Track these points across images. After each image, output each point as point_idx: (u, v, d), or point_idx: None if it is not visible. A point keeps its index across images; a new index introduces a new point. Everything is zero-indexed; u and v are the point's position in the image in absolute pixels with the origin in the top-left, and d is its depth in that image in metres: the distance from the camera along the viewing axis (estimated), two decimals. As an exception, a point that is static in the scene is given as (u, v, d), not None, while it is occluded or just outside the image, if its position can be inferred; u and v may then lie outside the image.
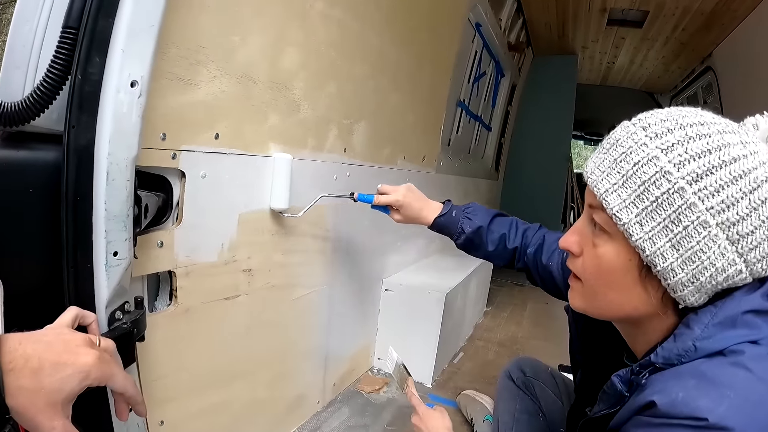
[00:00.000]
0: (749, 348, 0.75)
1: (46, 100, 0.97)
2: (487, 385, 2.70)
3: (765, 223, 0.72)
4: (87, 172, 1.01)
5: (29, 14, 1.00)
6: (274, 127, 1.67)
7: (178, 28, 1.23)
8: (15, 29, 1.00)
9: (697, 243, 0.74)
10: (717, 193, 0.72)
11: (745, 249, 0.74)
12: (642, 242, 0.78)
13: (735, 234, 0.73)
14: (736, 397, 0.70)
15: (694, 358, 0.77)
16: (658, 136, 0.78)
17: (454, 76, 3.52)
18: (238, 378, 1.75)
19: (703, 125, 0.76)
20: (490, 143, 5.66)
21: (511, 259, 1.67)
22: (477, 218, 1.69)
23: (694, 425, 0.70)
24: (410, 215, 1.79)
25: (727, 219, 0.72)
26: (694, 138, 0.75)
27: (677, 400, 0.73)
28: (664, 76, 6.59)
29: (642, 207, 0.78)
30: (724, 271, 0.75)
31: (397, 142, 2.69)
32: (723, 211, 0.72)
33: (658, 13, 4.57)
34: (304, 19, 1.72)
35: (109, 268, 1.06)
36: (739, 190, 0.71)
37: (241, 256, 1.62)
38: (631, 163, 0.79)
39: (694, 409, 0.70)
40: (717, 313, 0.78)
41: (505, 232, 1.66)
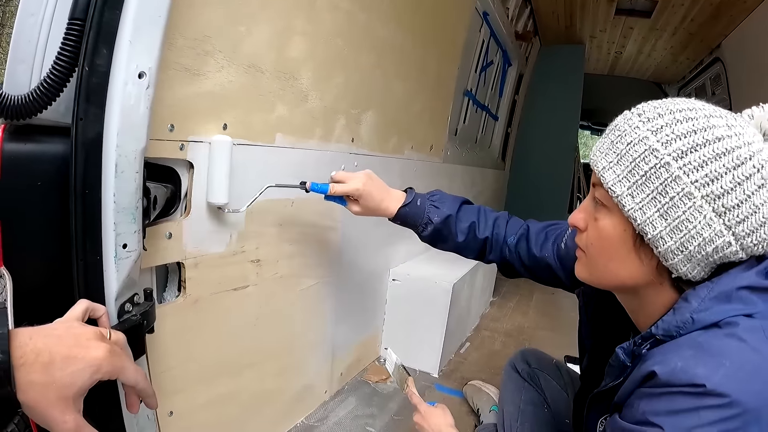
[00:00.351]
0: (743, 320, 0.81)
1: (53, 92, 0.97)
2: (494, 375, 2.70)
3: (750, 198, 0.79)
4: (95, 164, 1.01)
5: (34, 7, 1.00)
6: (281, 117, 1.67)
7: (185, 18, 1.22)
8: (20, 22, 1.00)
9: (683, 213, 0.82)
10: (701, 167, 0.80)
11: (733, 222, 0.80)
12: (633, 212, 0.87)
13: (720, 207, 0.80)
14: (732, 366, 0.76)
15: (691, 330, 0.84)
16: (649, 120, 0.87)
17: (462, 65, 3.50)
18: (247, 368, 1.76)
19: (692, 110, 0.84)
20: (497, 133, 5.64)
21: (481, 250, 1.61)
22: (445, 206, 1.59)
23: (693, 392, 0.76)
24: (370, 206, 1.60)
25: (711, 192, 0.80)
26: (681, 121, 0.83)
27: (676, 368, 0.79)
28: (672, 67, 6.53)
29: (633, 180, 0.86)
30: (712, 242, 0.82)
31: (404, 132, 2.69)
32: (707, 184, 0.80)
33: (666, 3, 4.51)
34: (311, 9, 1.71)
35: (119, 260, 1.06)
36: (722, 166, 0.79)
37: (250, 246, 1.62)
38: (625, 143, 0.88)
39: (692, 376, 0.77)
40: (713, 288, 0.85)
41: (474, 220, 1.59)
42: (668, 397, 0.80)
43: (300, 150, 1.79)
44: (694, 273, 0.87)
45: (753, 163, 0.78)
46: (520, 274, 1.58)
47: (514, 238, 1.56)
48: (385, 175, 2.45)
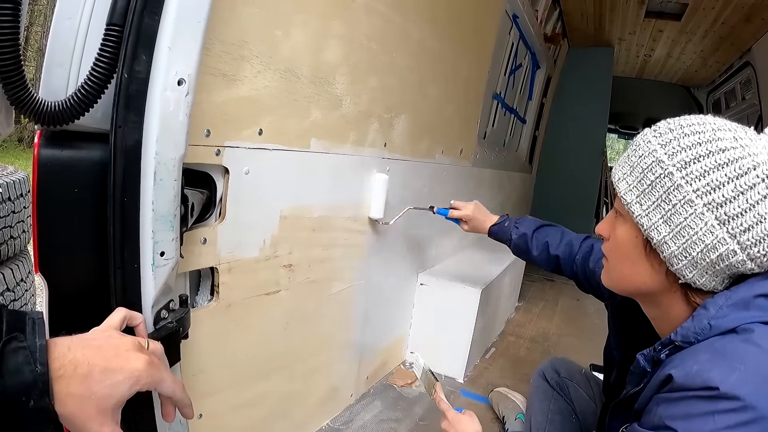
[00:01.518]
0: (760, 327, 0.82)
1: (91, 99, 0.96)
2: (519, 382, 2.69)
3: (755, 207, 0.81)
4: (134, 172, 1.00)
5: (71, 11, 0.99)
6: (316, 122, 1.66)
7: (222, 23, 1.22)
8: (56, 25, 0.98)
9: (685, 219, 0.87)
10: (702, 177, 0.84)
11: (737, 230, 0.83)
12: (641, 218, 0.93)
13: (723, 215, 0.83)
14: (746, 370, 0.77)
15: (709, 336, 0.86)
16: (661, 135, 0.92)
17: (491, 68, 3.48)
18: (276, 371, 1.76)
19: (701, 125, 0.89)
20: (524, 136, 5.61)
21: (556, 264, 1.85)
22: (523, 227, 1.99)
23: (707, 395, 0.78)
24: (475, 226, 2.20)
25: (713, 200, 0.83)
26: (688, 134, 0.88)
27: (691, 372, 0.82)
28: (701, 70, 6.46)
29: (641, 189, 0.93)
30: (716, 249, 0.85)
31: (435, 136, 2.68)
32: (708, 193, 0.84)
33: (697, 5, 4.46)
34: (347, 12, 1.71)
35: (156, 268, 1.06)
36: (724, 175, 0.82)
37: (282, 251, 1.62)
38: (638, 156, 0.95)
39: (706, 379, 0.78)
40: (731, 296, 0.87)
41: (548, 240, 1.88)
42: (684, 401, 0.81)
43: (334, 155, 1.79)
44: (704, 281, 0.90)
45: (757, 173, 0.81)
46: (587, 290, 1.75)
47: (580, 257, 1.75)
48: (416, 180, 2.45)
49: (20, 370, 0.62)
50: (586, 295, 1.79)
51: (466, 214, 2.19)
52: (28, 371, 0.63)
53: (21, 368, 0.62)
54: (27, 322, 0.67)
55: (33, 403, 0.63)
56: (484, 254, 3.61)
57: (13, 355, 0.63)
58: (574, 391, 1.86)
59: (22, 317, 0.67)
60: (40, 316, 0.69)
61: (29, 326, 0.67)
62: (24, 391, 0.62)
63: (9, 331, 0.64)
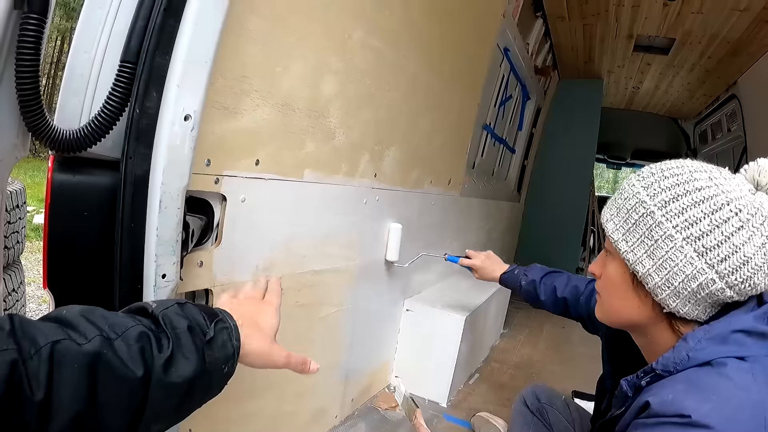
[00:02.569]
0: (734, 362, 0.88)
1: (103, 129, 1.03)
2: (502, 408, 2.74)
3: (730, 238, 0.88)
4: (141, 200, 1.08)
5: (87, 45, 1.06)
6: (310, 153, 1.74)
7: (226, 59, 1.29)
8: (73, 58, 1.06)
9: (666, 252, 0.94)
10: (681, 214, 0.92)
11: (714, 260, 0.90)
12: (627, 254, 1.01)
13: (701, 247, 0.90)
14: (718, 401, 0.83)
15: (687, 367, 0.92)
16: (644, 178, 1.02)
17: (482, 99, 3.56)
18: (266, 391, 1.81)
19: (679, 167, 0.98)
20: (513, 165, 5.67)
21: (564, 307, 1.92)
22: (531, 274, 2.08)
23: (680, 422, 0.83)
24: (485, 274, 2.35)
25: (691, 234, 0.91)
26: (668, 177, 0.97)
27: (667, 400, 0.87)
28: (688, 103, 6.58)
29: (627, 228, 1.01)
30: (695, 279, 0.92)
31: (425, 166, 2.74)
32: (687, 228, 0.92)
33: (684, 40, 4.58)
34: (343, 48, 1.79)
35: (158, 289, 1.13)
36: (700, 212, 0.91)
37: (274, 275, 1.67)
38: (623, 198, 1.04)
39: (680, 408, 0.83)
40: (709, 330, 0.93)
41: (555, 284, 1.95)
42: (658, 427, 0.86)
43: (326, 185, 1.86)
44: (687, 310, 0.97)
45: (730, 208, 0.89)
46: (593, 331, 1.77)
47: (584, 298, 1.82)
48: (405, 210, 2.51)
49: (225, 345, 0.80)
50: (571, 323, 1.85)
51: (475, 264, 2.36)
52: (231, 346, 0.81)
53: (226, 344, 0.80)
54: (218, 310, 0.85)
55: (226, 370, 0.81)
56: (469, 282, 3.63)
57: (221, 334, 0.80)
58: (554, 417, 1.89)
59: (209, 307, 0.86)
60: None
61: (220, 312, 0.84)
62: (226, 361, 0.80)
63: (210, 317, 0.80)
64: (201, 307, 0.82)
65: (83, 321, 0.66)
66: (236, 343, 0.82)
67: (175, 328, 0.73)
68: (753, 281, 0.89)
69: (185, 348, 0.73)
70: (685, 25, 4.28)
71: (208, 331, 0.78)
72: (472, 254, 2.39)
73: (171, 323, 0.73)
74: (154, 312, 0.75)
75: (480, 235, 4.45)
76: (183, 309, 0.77)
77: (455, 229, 3.61)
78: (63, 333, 0.63)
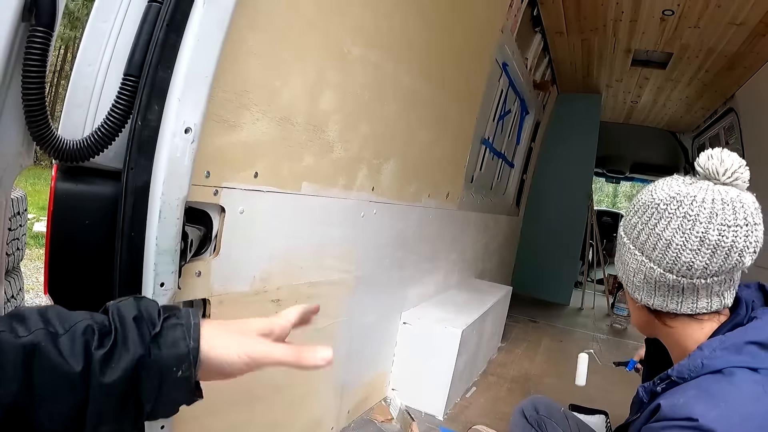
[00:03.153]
0: (746, 372, 0.90)
1: (106, 140, 1.05)
2: (498, 421, 2.74)
3: (654, 229, 1.00)
4: (142, 210, 1.10)
5: (92, 58, 1.09)
6: (308, 166, 1.76)
7: (226, 73, 1.31)
8: (78, 70, 1.09)
9: (622, 256, 1.11)
10: (629, 225, 1.08)
11: (648, 251, 1.02)
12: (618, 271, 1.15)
13: (639, 243, 1.04)
14: (727, 408, 0.85)
15: (700, 374, 0.94)
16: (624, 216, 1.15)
17: (480, 114, 3.58)
18: (258, 401, 1.82)
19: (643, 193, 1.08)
20: (512, 179, 5.70)
21: None
22: None
23: (687, 425, 0.85)
24: None
25: (634, 238, 1.06)
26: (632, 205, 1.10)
27: (677, 404, 0.90)
28: (686, 116, 6.61)
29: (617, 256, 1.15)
30: (641, 270, 1.05)
31: (422, 179, 2.76)
32: (630, 234, 1.08)
33: (682, 54, 4.62)
34: (343, 62, 1.81)
35: (156, 297, 1.14)
36: (638, 218, 1.05)
37: (271, 286, 1.70)
38: None
39: (689, 412, 0.86)
40: (725, 340, 0.96)
41: None
42: (665, 430, 0.89)
43: (324, 198, 1.88)
44: (655, 301, 1.06)
45: (652, 205, 1.02)
46: None
47: None
48: (402, 223, 2.52)
49: (177, 343, 0.70)
50: (569, 337, 1.84)
51: None
52: (183, 345, 0.70)
53: (178, 342, 0.70)
54: (181, 308, 0.76)
55: (180, 374, 0.70)
56: (467, 295, 3.67)
57: (172, 330, 0.71)
58: (552, 429, 1.88)
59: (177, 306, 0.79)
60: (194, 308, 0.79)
61: (183, 310, 0.75)
62: (177, 362, 0.69)
63: (166, 312, 0.73)
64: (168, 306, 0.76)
65: (35, 315, 0.64)
66: (193, 344, 0.71)
67: (122, 319, 0.68)
68: (682, 260, 0.97)
69: (129, 340, 0.67)
70: (683, 39, 4.33)
71: (156, 325, 0.70)
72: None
73: (119, 315, 0.68)
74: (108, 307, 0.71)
75: (477, 248, 4.46)
76: (138, 302, 0.72)
77: (452, 243, 3.63)
78: (7, 326, 0.62)
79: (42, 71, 0.90)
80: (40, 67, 0.89)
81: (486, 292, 3.90)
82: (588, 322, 5.96)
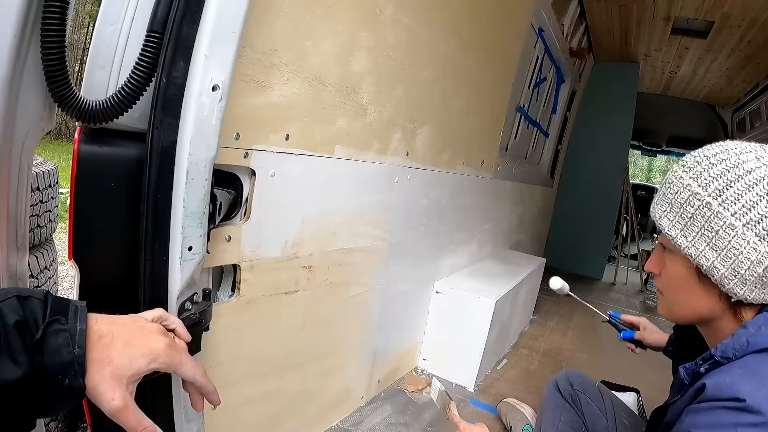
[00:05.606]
0: None
1: (130, 100, 1.01)
2: (529, 394, 2.71)
3: None
4: (168, 171, 1.06)
5: (114, 17, 1.04)
6: (341, 129, 1.72)
7: (255, 32, 1.27)
8: (99, 30, 1.04)
9: (728, 242, 0.92)
10: (737, 200, 0.90)
11: None
12: (688, 249, 0.98)
13: (762, 230, 0.88)
14: None
15: (746, 353, 0.91)
16: (690, 168, 0.99)
17: (516, 81, 3.50)
18: (291, 368, 1.81)
19: (724, 152, 0.96)
20: (547, 149, 5.62)
21: None
22: None
23: (733, 406, 0.82)
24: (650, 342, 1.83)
25: (750, 219, 0.89)
26: (715, 164, 0.95)
27: (723, 383, 0.86)
28: (726, 89, 6.40)
29: (684, 223, 0.99)
30: (761, 263, 0.89)
31: (457, 147, 2.71)
32: (745, 213, 0.89)
33: (723, 23, 4.45)
34: (375, 25, 1.75)
35: (184, 261, 1.11)
36: (756, 195, 0.89)
37: (303, 253, 1.67)
38: (673, 192, 1.02)
39: (735, 391, 0.83)
40: None
41: None
42: (711, 411, 0.86)
43: (357, 162, 1.84)
44: (755, 295, 0.94)
45: None
46: None
47: None
48: (437, 190, 2.48)
49: (59, 350, 0.67)
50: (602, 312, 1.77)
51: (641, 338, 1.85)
52: (66, 352, 0.67)
53: (60, 349, 0.67)
54: (70, 308, 0.71)
55: (68, 382, 0.67)
56: (500, 266, 3.63)
57: (54, 336, 0.67)
58: (586, 405, 1.84)
59: (66, 303, 0.72)
60: (83, 304, 0.74)
61: (72, 311, 0.71)
62: (61, 370, 0.67)
63: (52, 314, 0.68)
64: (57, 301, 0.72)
65: None
66: (78, 351, 0.69)
67: (4, 323, 0.64)
68: None
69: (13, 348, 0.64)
70: (725, 7, 4.16)
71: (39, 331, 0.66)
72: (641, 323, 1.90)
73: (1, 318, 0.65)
74: None
75: (511, 219, 4.41)
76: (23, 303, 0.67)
77: (486, 212, 3.58)
78: None
79: (62, 29, 0.85)
80: (59, 25, 0.85)
81: (519, 263, 3.84)
82: (621, 297, 5.88)
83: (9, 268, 0.93)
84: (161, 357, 0.78)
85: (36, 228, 2.26)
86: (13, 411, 0.65)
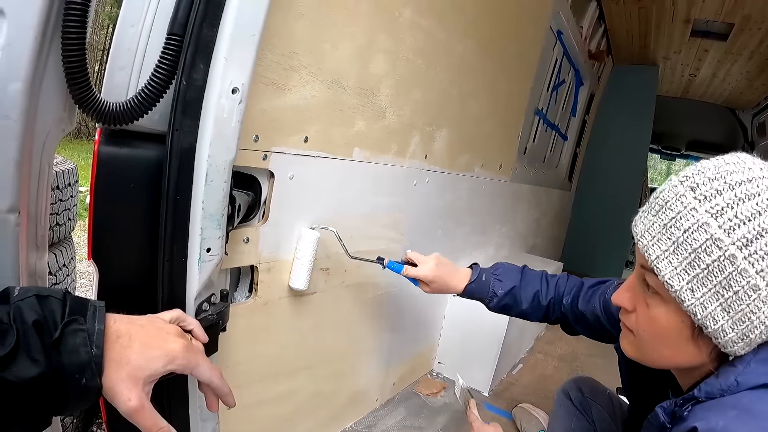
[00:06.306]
0: None
1: (150, 102, 1.01)
2: (544, 400, 2.70)
3: None
4: (187, 172, 1.07)
5: (134, 19, 1.05)
6: (360, 131, 1.72)
7: (274, 35, 1.27)
8: (120, 32, 1.05)
9: (747, 306, 0.76)
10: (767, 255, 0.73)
11: None
12: (693, 307, 0.80)
13: None
14: None
15: (736, 392, 0.79)
16: (707, 198, 0.78)
17: (534, 84, 3.48)
18: (305, 370, 1.81)
19: (752, 182, 0.76)
20: (565, 153, 5.58)
21: (545, 313, 1.67)
22: (508, 279, 1.69)
23: None
24: (440, 288, 1.72)
25: None
26: (743, 199, 0.75)
27: (717, 427, 0.74)
28: (747, 92, 6.30)
29: (693, 274, 0.79)
30: None
31: (475, 150, 2.70)
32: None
33: (743, 26, 4.39)
34: (393, 27, 1.75)
35: (202, 263, 1.12)
36: None
37: (320, 254, 1.66)
38: (682, 229, 0.80)
39: None
40: (758, 351, 0.81)
41: (537, 288, 1.66)
42: None
43: (375, 164, 1.84)
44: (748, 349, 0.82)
45: None
46: (576, 330, 1.65)
47: (569, 297, 1.61)
48: (455, 193, 2.47)
49: (77, 350, 0.68)
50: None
51: (424, 275, 1.70)
52: (84, 352, 0.68)
53: (78, 349, 0.68)
54: (89, 308, 0.72)
55: (85, 381, 0.68)
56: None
57: (72, 336, 0.68)
58: (597, 413, 1.81)
59: (85, 303, 0.73)
60: (102, 304, 0.74)
61: (90, 312, 0.72)
62: (78, 369, 0.67)
63: (71, 314, 0.69)
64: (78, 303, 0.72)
65: None
66: (95, 351, 0.69)
67: (23, 322, 0.65)
68: None
69: (31, 347, 0.65)
70: (745, 9, 4.10)
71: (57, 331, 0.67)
72: (416, 258, 1.75)
73: (21, 316, 0.66)
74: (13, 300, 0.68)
75: (528, 222, 4.39)
76: (41, 302, 0.68)
77: (503, 215, 3.56)
78: None
79: (83, 31, 0.85)
80: (80, 27, 0.85)
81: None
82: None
83: (29, 266, 0.93)
84: (178, 359, 0.79)
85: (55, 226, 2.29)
86: (29, 409, 0.66)
